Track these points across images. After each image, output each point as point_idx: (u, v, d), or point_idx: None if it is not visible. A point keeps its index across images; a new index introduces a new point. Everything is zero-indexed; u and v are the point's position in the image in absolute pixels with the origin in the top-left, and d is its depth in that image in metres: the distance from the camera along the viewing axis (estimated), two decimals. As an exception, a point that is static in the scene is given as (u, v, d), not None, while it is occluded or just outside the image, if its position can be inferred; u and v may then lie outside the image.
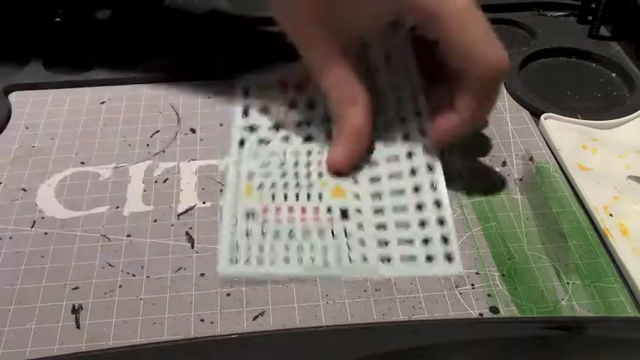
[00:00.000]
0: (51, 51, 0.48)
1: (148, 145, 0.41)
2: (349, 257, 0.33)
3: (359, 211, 0.35)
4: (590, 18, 0.50)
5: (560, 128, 0.41)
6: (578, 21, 0.52)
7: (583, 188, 0.37)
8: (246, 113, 0.41)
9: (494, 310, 0.32)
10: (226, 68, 0.45)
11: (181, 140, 0.41)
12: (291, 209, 0.36)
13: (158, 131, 0.42)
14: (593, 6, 0.49)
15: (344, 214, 0.35)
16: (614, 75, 0.47)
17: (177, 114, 0.43)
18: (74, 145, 0.41)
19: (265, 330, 0.31)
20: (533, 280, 0.33)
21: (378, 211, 0.35)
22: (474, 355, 0.33)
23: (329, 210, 0.35)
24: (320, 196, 0.36)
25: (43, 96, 0.44)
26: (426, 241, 0.34)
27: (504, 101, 0.44)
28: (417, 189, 0.36)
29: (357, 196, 0.36)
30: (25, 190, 0.38)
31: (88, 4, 0.51)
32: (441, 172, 0.36)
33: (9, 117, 0.43)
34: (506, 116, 0.43)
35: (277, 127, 0.40)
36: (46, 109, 0.43)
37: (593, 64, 0.48)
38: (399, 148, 0.37)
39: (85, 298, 0.32)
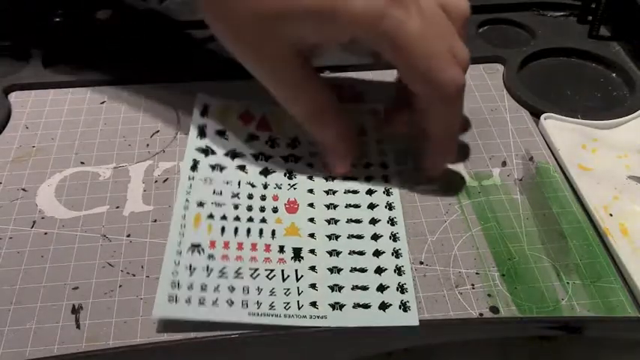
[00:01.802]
0: (51, 51, 0.48)
1: (147, 145, 0.41)
2: (297, 302, 0.31)
3: (313, 252, 0.34)
4: (590, 18, 0.50)
5: (560, 128, 0.41)
6: (578, 21, 0.52)
7: (583, 188, 0.37)
8: (202, 134, 0.39)
9: (494, 310, 0.32)
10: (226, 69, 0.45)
11: (181, 140, 0.41)
12: (240, 245, 0.33)
13: (158, 131, 0.42)
14: (593, 6, 0.49)
15: (297, 254, 0.33)
16: (614, 75, 0.47)
17: (177, 114, 0.43)
18: (74, 145, 0.41)
19: (266, 330, 0.31)
20: (533, 280, 0.33)
21: (334, 253, 0.34)
22: (474, 355, 0.33)
23: (281, 249, 0.34)
24: (273, 233, 0.34)
25: (43, 96, 0.44)
26: (381, 288, 0.32)
27: (504, 101, 0.44)
28: (376, 237, 0.35)
29: (312, 236, 0.34)
30: (25, 190, 0.38)
31: (88, 4, 0.51)
32: (403, 225, 0.35)
33: (9, 117, 0.43)
34: (506, 116, 0.43)
35: (234, 154, 0.38)
36: (46, 109, 0.43)
37: (593, 64, 0.48)
38: (362, 197, 0.37)
39: (85, 298, 0.32)
